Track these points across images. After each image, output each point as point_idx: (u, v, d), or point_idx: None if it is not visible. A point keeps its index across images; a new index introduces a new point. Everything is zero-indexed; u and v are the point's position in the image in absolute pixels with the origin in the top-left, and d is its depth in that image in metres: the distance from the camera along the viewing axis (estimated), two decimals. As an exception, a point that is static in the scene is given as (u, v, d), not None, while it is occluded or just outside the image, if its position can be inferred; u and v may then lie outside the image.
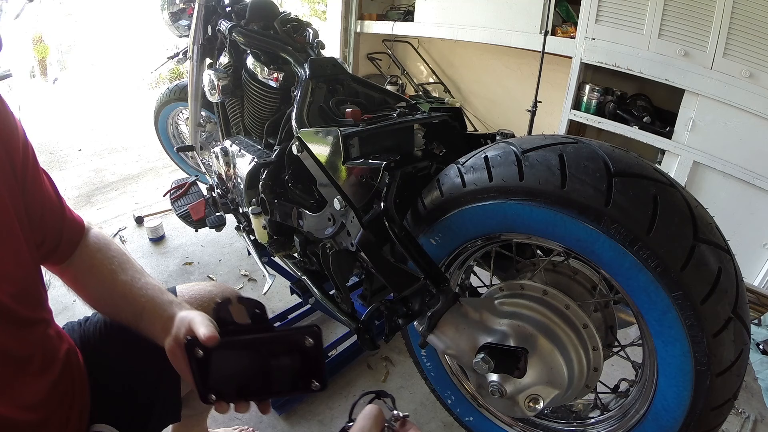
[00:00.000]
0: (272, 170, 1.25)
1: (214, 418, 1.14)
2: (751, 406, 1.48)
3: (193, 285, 0.88)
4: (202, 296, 0.85)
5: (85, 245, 0.74)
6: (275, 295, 1.86)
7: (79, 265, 0.73)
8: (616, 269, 0.73)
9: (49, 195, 0.68)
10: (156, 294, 0.69)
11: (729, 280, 0.67)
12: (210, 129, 1.97)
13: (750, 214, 2.20)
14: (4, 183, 0.57)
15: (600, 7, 2.51)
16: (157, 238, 2.25)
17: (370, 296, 1.11)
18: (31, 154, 0.64)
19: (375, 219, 0.88)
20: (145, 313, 0.67)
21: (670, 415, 0.77)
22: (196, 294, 0.84)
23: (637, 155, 0.75)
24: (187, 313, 0.63)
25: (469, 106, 4.08)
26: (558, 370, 0.79)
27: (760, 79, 2.05)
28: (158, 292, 0.70)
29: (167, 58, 1.96)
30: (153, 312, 0.67)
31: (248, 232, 1.49)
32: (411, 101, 1.29)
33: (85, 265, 0.73)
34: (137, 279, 0.72)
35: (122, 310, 0.70)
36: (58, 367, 0.67)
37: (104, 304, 0.73)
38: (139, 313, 0.67)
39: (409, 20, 3.80)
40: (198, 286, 0.87)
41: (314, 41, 1.40)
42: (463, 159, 0.87)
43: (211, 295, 0.86)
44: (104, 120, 4.07)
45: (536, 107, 2.68)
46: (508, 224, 0.82)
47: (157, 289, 0.71)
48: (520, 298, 0.87)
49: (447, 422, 1.33)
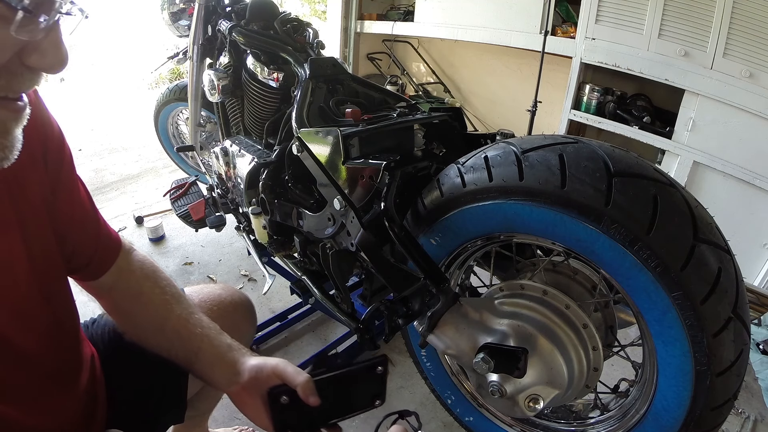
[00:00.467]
0: (272, 170, 1.25)
1: (214, 418, 1.14)
2: (751, 406, 1.48)
3: (201, 288, 0.87)
4: (212, 300, 0.84)
5: (128, 269, 0.71)
6: (275, 295, 1.86)
7: (123, 290, 0.70)
8: (616, 269, 0.73)
9: (83, 204, 0.65)
10: (213, 333, 0.67)
11: (729, 280, 0.67)
12: (210, 129, 1.97)
13: (750, 214, 2.20)
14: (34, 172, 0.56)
15: (600, 7, 2.51)
16: (157, 238, 2.25)
17: (370, 296, 1.11)
18: (68, 155, 0.62)
19: (375, 219, 0.88)
20: (202, 354, 0.65)
21: (670, 415, 0.77)
22: (205, 298, 0.84)
23: (637, 155, 0.75)
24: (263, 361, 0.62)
25: (469, 106, 4.07)
26: (558, 370, 0.79)
27: (760, 79, 2.05)
28: (215, 332, 0.68)
29: (167, 58, 1.96)
30: (212, 354, 0.65)
31: (248, 232, 1.49)
32: (411, 101, 1.29)
33: (131, 292, 0.70)
34: (192, 314, 0.69)
35: (173, 346, 0.67)
36: (86, 375, 0.66)
37: (150, 337, 0.69)
38: (194, 353, 0.66)
39: (409, 20, 3.81)
40: (206, 290, 0.87)
41: (314, 41, 1.40)
42: (463, 159, 0.87)
43: (221, 298, 0.85)
44: (104, 120, 4.07)
45: (536, 107, 2.68)
46: (508, 224, 0.82)
47: (214, 328, 0.69)
48: (520, 298, 0.87)
49: (447, 422, 1.33)
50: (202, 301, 0.82)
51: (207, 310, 0.80)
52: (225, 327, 0.72)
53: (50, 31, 0.40)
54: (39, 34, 0.39)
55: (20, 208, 0.53)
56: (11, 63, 0.39)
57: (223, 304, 0.85)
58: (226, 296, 0.87)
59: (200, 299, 0.82)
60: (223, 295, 0.87)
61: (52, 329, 0.59)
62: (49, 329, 0.59)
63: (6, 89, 0.40)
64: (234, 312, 0.87)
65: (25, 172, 0.54)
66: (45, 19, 0.38)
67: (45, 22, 0.38)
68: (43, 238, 0.57)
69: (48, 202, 0.58)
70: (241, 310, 0.89)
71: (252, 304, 0.94)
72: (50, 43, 0.40)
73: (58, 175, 0.60)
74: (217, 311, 0.82)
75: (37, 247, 0.56)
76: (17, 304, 0.53)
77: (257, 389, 0.60)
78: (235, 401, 0.62)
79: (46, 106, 0.58)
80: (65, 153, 0.62)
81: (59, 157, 0.61)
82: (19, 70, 0.40)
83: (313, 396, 0.57)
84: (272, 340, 1.63)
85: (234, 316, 0.86)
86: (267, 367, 0.61)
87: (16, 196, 0.53)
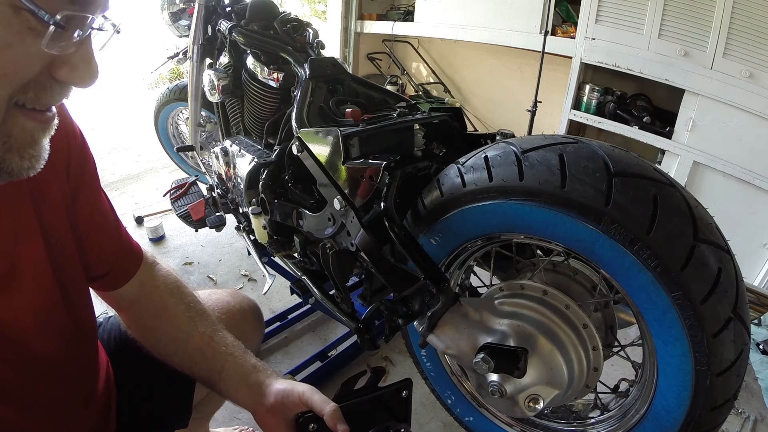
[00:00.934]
0: (272, 170, 1.25)
1: (214, 418, 1.14)
2: (751, 406, 1.48)
3: (209, 294, 0.86)
4: (220, 307, 0.84)
5: (153, 284, 0.70)
6: (275, 295, 1.86)
7: (146, 304, 0.69)
8: (616, 269, 0.73)
9: (104, 213, 0.65)
10: (238, 353, 0.67)
11: (729, 280, 0.67)
12: (210, 129, 1.97)
13: (750, 214, 2.20)
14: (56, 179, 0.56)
15: (600, 7, 2.51)
16: (157, 238, 2.25)
17: (370, 296, 1.11)
18: (90, 163, 0.62)
19: (375, 219, 0.88)
20: (226, 374, 0.65)
21: (670, 415, 0.77)
22: (214, 306, 0.83)
23: (637, 155, 0.75)
24: (291, 387, 0.62)
25: (469, 106, 4.08)
26: (558, 370, 0.79)
27: (760, 79, 2.05)
28: (240, 351, 0.67)
29: (167, 58, 1.96)
30: (236, 375, 0.65)
31: (248, 232, 1.49)
32: (411, 101, 1.29)
33: (155, 306, 0.69)
34: (216, 332, 0.69)
35: (196, 365, 0.67)
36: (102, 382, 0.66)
37: (173, 353, 0.68)
38: (218, 372, 0.65)
39: (409, 20, 3.81)
40: (215, 296, 0.86)
41: (314, 41, 1.40)
42: (463, 159, 0.86)
43: (229, 305, 0.85)
44: (104, 120, 4.07)
45: (536, 107, 2.68)
46: (508, 224, 0.82)
47: (238, 347, 0.68)
48: (520, 298, 0.87)
49: (447, 422, 1.33)
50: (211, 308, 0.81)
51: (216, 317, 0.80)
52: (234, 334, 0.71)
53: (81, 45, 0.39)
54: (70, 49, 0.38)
55: (43, 216, 0.53)
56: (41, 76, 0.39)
57: (231, 312, 0.85)
58: (234, 303, 0.86)
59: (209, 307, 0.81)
60: (232, 302, 0.86)
61: (72, 337, 0.59)
62: (70, 337, 0.59)
63: (34, 101, 0.40)
64: (242, 319, 0.86)
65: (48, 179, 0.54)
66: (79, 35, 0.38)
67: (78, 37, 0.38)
68: (64, 245, 0.57)
69: (69, 210, 0.58)
70: (248, 316, 0.89)
71: (259, 310, 0.94)
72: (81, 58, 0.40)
73: (80, 182, 0.60)
74: (225, 319, 0.82)
75: (59, 255, 0.56)
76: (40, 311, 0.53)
77: (282, 413, 0.60)
78: (258, 421, 0.62)
79: (70, 114, 0.58)
80: (88, 160, 0.62)
81: (82, 164, 0.60)
82: (49, 83, 0.40)
83: (341, 424, 0.57)
84: (272, 340, 1.63)
85: (242, 323, 0.86)
86: (294, 393, 0.61)
87: (39, 203, 0.53)
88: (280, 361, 1.55)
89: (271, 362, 1.54)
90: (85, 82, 0.41)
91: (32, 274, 0.52)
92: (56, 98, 0.41)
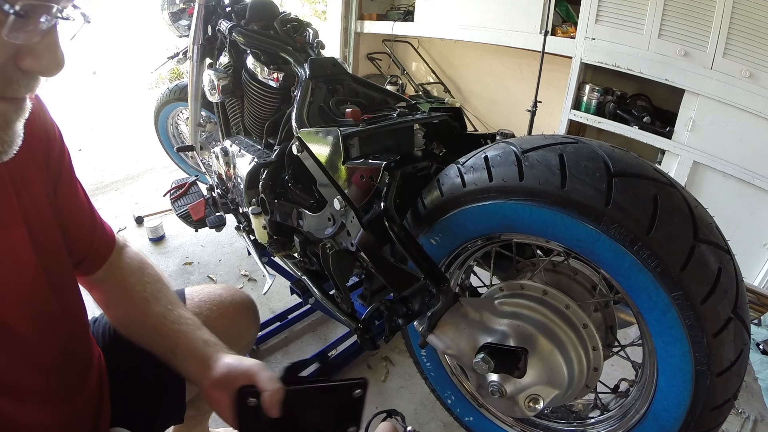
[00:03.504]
0: (272, 170, 1.25)
1: (214, 418, 1.14)
2: (751, 406, 1.48)
3: (202, 288, 0.87)
4: (212, 300, 0.85)
5: (118, 265, 0.72)
6: (275, 295, 1.86)
7: (111, 285, 0.71)
8: (616, 269, 0.73)
9: (81, 203, 0.67)
10: (190, 329, 0.67)
11: (729, 280, 0.67)
12: (210, 129, 1.97)
13: (750, 214, 2.20)
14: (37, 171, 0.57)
15: (600, 7, 2.51)
16: (157, 238, 2.25)
17: (370, 296, 1.11)
18: (67, 156, 0.64)
19: (375, 219, 0.88)
20: (178, 350, 0.65)
21: (670, 415, 0.77)
22: (206, 298, 0.84)
23: (637, 155, 0.75)
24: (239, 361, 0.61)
25: (469, 106, 4.07)
26: (558, 370, 0.79)
27: (760, 79, 2.05)
28: (192, 327, 0.68)
29: (167, 58, 1.96)
30: (187, 350, 0.65)
31: (248, 232, 1.49)
32: (411, 101, 1.29)
33: (118, 287, 0.71)
34: (171, 311, 0.69)
35: (154, 342, 0.68)
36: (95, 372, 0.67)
37: (134, 332, 0.70)
38: (171, 349, 0.66)
39: (409, 20, 3.80)
40: (207, 290, 0.87)
41: (314, 41, 1.40)
42: (463, 159, 0.86)
43: (221, 298, 0.86)
44: (104, 120, 4.07)
45: (536, 107, 2.68)
46: (508, 224, 0.82)
47: (192, 324, 0.68)
48: (520, 298, 0.87)
49: (447, 422, 1.33)
50: (203, 301, 0.83)
51: (207, 310, 0.81)
52: (225, 326, 0.72)
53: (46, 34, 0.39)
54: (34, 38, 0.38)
55: (25, 204, 0.54)
56: (6, 67, 0.39)
57: (223, 305, 0.85)
58: (227, 296, 0.87)
59: (200, 299, 0.83)
60: (224, 295, 0.87)
61: (61, 323, 0.60)
62: (59, 323, 0.59)
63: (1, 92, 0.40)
64: (234, 312, 0.87)
65: (29, 169, 0.55)
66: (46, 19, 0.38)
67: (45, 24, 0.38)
68: (48, 233, 0.58)
69: (51, 200, 0.60)
70: (241, 310, 0.89)
71: (254, 304, 0.94)
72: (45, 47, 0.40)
73: (59, 174, 0.62)
74: (217, 311, 0.83)
75: (44, 243, 0.57)
76: (25, 297, 0.54)
77: (227, 387, 0.58)
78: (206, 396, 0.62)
79: (48, 110, 0.60)
80: (65, 154, 0.64)
81: (60, 157, 0.63)
82: (15, 75, 0.40)
83: (275, 408, 0.54)
84: (272, 340, 1.63)
85: (234, 316, 0.86)
86: (240, 367, 0.60)
87: (21, 192, 0.54)
88: (280, 361, 1.55)
89: (271, 362, 1.54)
90: (50, 71, 0.41)
91: (14, 261, 0.52)
92: (23, 90, 0.41)
